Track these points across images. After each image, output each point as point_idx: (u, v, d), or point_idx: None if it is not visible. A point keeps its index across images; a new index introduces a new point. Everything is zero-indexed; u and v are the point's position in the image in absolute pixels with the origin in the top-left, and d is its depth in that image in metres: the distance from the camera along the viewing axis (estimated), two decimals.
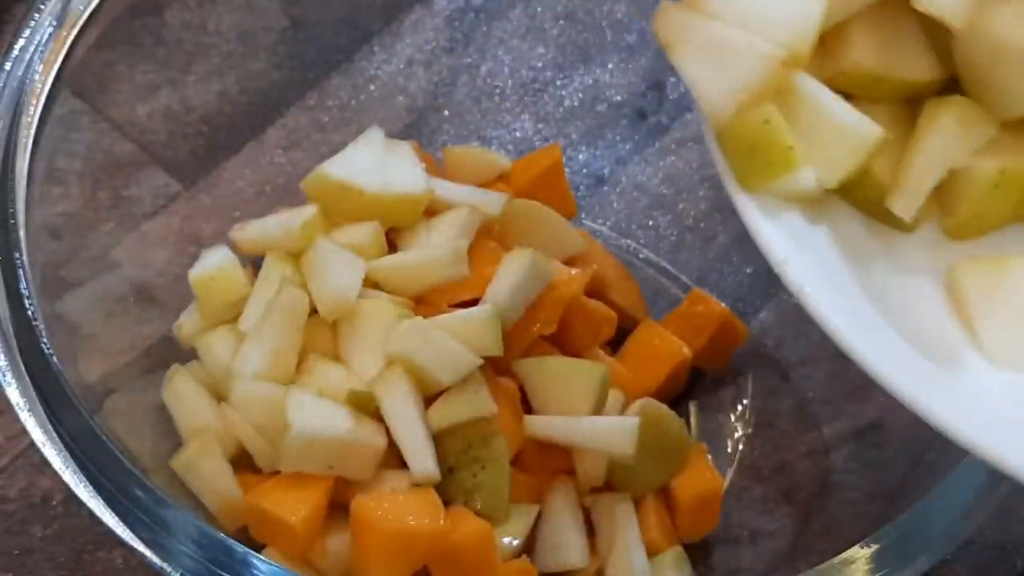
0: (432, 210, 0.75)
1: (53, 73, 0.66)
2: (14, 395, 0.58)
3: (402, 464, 0.67)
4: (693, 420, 0.80)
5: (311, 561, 0.67)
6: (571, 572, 0.71)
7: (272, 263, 0.74)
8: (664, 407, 0.75)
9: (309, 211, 0.76)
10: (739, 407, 0.80)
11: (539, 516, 0.70)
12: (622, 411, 0.73)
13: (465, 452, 0.68)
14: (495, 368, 0.71)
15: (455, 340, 0.68)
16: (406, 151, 0.77)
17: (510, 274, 0.71)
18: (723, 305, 0.80)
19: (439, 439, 0.68)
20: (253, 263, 0.76)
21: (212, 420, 0.71)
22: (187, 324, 0.75)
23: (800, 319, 0.79)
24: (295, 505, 0.66)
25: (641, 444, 0.69)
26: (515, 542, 0.68)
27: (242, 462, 0.71)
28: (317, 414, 0.67)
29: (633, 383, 0.76)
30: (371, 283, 0.73)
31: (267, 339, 0.71)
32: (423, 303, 0.72)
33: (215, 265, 0.74)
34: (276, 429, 0.67)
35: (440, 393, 0.68)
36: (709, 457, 0.76)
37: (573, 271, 0.76)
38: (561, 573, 0.71)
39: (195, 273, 0.74)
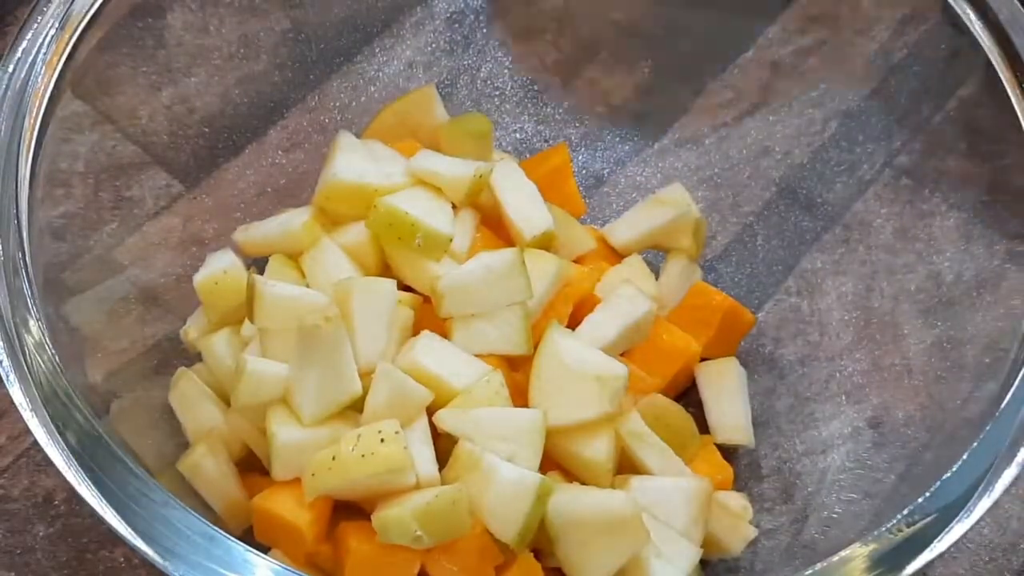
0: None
1: (55, 75, 0.66)
2: (17, 395, 0.58)
3: None
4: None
5: (315, 563, 0.67)
6: None
7: (276, 266, 0.75)
8: (672, 403, 0.75)
9: (307, 212, 0.76)
10: None
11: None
12: (631, 408, 0.74)
13: None
14: (509, 364, 0.73)
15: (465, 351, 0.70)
16: (379, 146, 0.79)
17: (540, 279, 0.73)
18: (725, 295, 0.80)
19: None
20: (256, 265, 0.77)
21: (218, 422, 0.71)
22: (193, 330, 0.75)
23: (799, 319, 0.80)
24: (302, 508, 0.66)
25: None
26: None
27: (248, 464, 0.71)
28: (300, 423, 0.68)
29: (643, 380, 0.76)
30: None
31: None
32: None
33: (220, 269, 0.74)
34: None
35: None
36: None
37: (586, 269, 0.78)
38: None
39: (200, 278, 0.74)
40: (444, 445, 0.68)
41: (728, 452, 0.77)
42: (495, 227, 0.77)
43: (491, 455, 0.66)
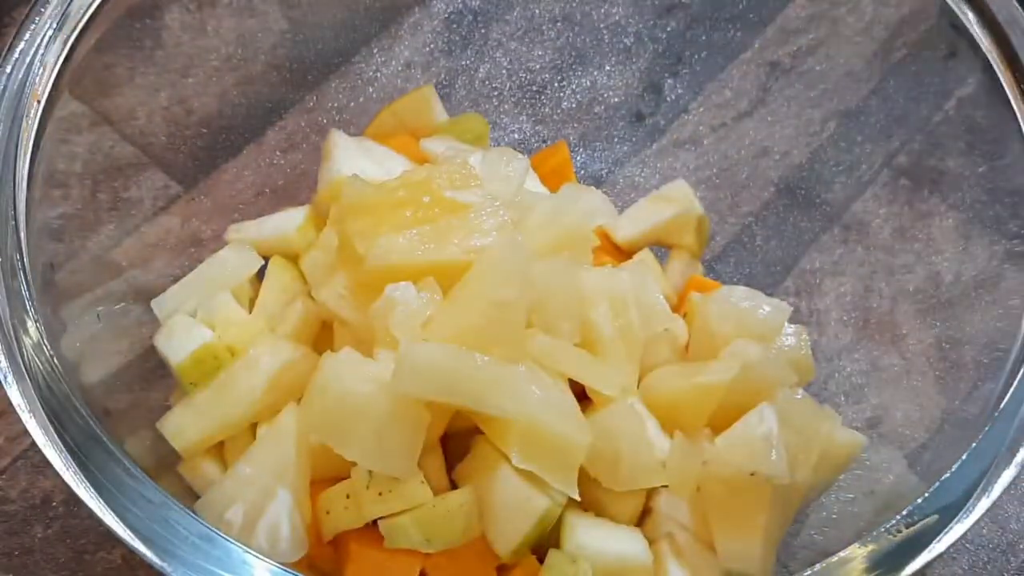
0: None
1: (53, 76, 0.66)
2: (15, 396, 0.58)
3: None
4: None
5: (316, 565, 0.67)
6: None
7: (275, 269, 0.75)
8: None
9: (302, 214, 0.76)
10: None
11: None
12: None
13: None
14: None
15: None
16: (371, 144, 0.79)
17: None
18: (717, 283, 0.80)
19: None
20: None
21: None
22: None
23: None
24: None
25: None
26: None
27: None
28: None
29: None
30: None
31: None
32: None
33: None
34: None
35: None
36: None
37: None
38: None
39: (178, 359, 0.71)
40: (456, 444, 0.68)
41: None
42: None
43: (507, 466, 0.65)
